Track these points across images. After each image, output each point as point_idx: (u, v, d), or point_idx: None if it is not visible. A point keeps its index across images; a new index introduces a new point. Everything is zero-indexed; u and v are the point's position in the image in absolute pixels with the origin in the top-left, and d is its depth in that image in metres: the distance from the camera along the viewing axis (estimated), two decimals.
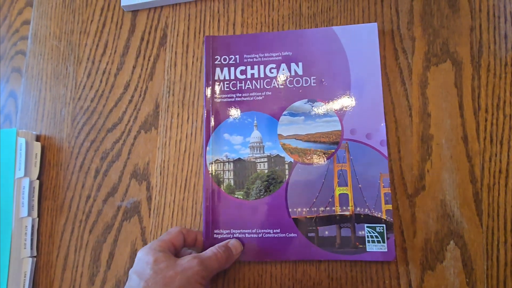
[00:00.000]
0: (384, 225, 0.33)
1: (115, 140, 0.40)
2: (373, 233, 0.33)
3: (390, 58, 0.37)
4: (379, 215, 0.33)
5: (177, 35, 0.41)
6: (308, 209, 0.34)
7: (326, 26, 0.38)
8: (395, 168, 0.35)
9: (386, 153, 0.34)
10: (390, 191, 0.34)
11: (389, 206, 0.33)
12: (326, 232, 0.34)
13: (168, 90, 0.40)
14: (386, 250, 0.32)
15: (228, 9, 0.40)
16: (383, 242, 0.33)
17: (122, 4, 0.41)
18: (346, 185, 0.34)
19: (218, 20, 0.40)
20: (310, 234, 0.34)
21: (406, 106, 0.36)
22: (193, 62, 0.40)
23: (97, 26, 0.43)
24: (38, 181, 0.40)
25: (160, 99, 0.40)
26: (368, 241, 0.33)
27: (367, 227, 0.33)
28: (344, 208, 0.34)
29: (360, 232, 0.33)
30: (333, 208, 0.34)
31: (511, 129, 0.34)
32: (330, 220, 0.34)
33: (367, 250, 0.33)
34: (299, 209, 0.34)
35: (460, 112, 0.35)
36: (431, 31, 0.36)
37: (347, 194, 0.34)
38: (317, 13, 0.39)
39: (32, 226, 0.39)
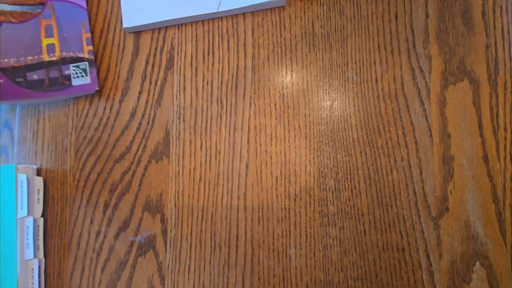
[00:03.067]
0: (87, 63, 0.38)
1: (124, 171, 0.38)
2: (78, 70, 0.38)
3: (407, 77, 0.36)
4: (82, 55, 0.38)
5: (185, 57, 0.39)
6: (15, 59, 0.37)
7: (341, 45, 0.37)
8: (418, 190, 0.35)
9: (84, 5, 0.39)
10: (90, 36, 0.39)
11: (90, 47, 0.38)
12: (35, 76, 0.37)
13: (178, 116, 0.38)
14: (89, 82, 0.38)
15: (237, 29, 0.39)
16: (86, 75, 0.38)
17: (124, 26, 0.39)
18: (53, 36, 0.38)
19: (228, 41, 0.39)
20: (18, 79, 0.37)
21: (426, 126, 0.35)
22: (203, 86, 0.38)
23: (97, 49, 0.40)
24: (42, 218, 0.38)
25: (170, 126, 0.38)
26: (73, 77, 0.37)
27: (72, 66, 0.38)
28: (52, 55, 0.38)
29: (66, 72, 0.38)
30: (41, 57, 0.38)
31: None
32: (38, 66, 0.38)
33: (73, 84, 0.37)
34: (7, 60, 0.37)
35: (479, 132, 0.35)
36: (447, 49, 0.36)
37: (53, 44, 0.38)
38: (331, 32, 0.38)
39: (39, 268, 0.36)
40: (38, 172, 0.39)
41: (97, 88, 0.38)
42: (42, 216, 0.38)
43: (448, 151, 0.35)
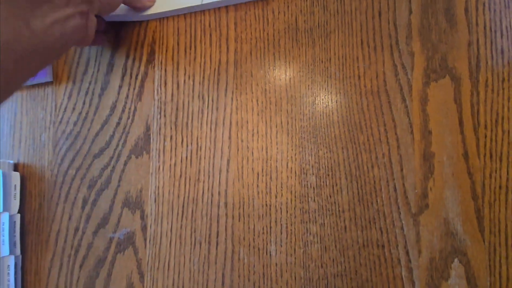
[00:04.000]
0: None
1: (103, 166, 0.38)
2: None
3: (390, 74, 0.36)
4: None
5: (166, 51, 0.38)
6: None
7: (324, 41, 0.37)
8: (398, 187, 0.35)
9: None
10: None
11: None
12: None
13: (159, 111, 0.38)
14: None
15: (220, 23, 0.38)
16: None
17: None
18: None
19: (210, 35, 0.38)
20: None
21: (407, 123, 0.35)
22: (185, 81, 0.38)
23: None
24: (19, 214, 0.37)
25: (151, 121, 0.38)
26: None
27: None
28: None
29: None
30: None
31: (510, 145, 0.34)
32: None
33: None
34: None
35: (460, 129, 0.35)
36: (430, 46, 0.36)
37: None
38: (314, 27, 0.37)
39: (15, 264, 0.36)
40: (15, 167, 0.38)
41: (50, 78, 0.37)
42: (19, 212, 0.37)
43: (429, 148, 0.35)
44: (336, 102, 0.36)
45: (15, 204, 0.37)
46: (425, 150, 0.35)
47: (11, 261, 0.36)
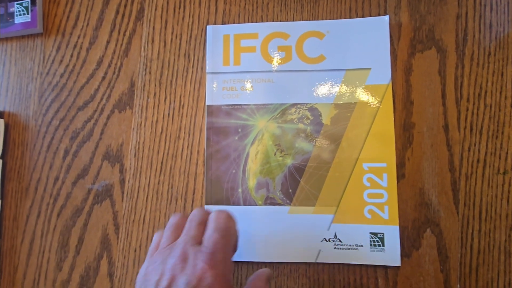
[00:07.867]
0: (29, 0, 0.37)
1: (87, 119, 0.38)
2: (21, 7, 0.37)
3: None
4: None
5: (155, 9, 0.38)
6: None
7: (313, 7, 0.37)
8: None
9: None
10: None
11: None
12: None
13: (144, 67, 0.38)
14: (29, 20, 0.37)
15: None
16: (28, 13, 0.37)
17: None
18: None
19: None
20: None
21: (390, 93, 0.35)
22: (172, 39, 0.38)
23: None
24: (1, 160, 0.37)
25: (136, 77, 0.38)
26: (16, 15, 0.38)
27: (16, 3, 0.37)
28: None
29: (11, 9, 0.38)
30: None
31: (491, 119, 0.34)
32: None
33: (15, 22, 0.37)
34: None
35: (442, 101, 0.34)
36: (418, 16, 0.36)
37: None
38: None
39: None
40: (1, 115, 0.38)
41: (40, 30, 0.37)
42: (1, 158, 0.37)
43: (409, 118, 0.35)
44: None
45: None
46: (406, 120, 0.35)
47: None
